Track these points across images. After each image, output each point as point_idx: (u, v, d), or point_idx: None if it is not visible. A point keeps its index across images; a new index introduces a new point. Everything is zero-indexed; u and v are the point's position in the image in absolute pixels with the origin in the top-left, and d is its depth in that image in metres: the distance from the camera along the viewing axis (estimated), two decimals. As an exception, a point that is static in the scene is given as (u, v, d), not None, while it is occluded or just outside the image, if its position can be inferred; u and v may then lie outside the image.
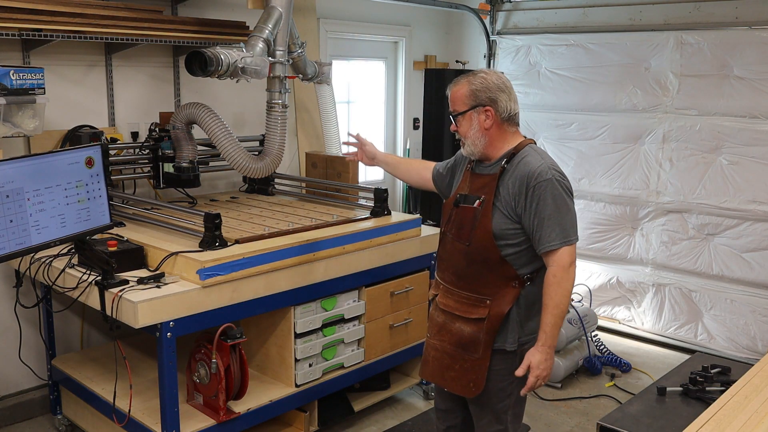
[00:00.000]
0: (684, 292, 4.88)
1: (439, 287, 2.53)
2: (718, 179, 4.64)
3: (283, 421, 3.45)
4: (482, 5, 5.60)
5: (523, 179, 2.29)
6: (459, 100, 2.40)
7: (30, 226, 2.44)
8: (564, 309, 2.30)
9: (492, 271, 2.35)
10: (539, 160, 2.32)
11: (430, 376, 2.56)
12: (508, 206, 2.31)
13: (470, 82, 2.38)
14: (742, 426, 2.28)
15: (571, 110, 5.30)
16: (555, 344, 2.31)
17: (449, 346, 2.46)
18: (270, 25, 3.47)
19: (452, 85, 2.44)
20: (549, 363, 2.30)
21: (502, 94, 2.36)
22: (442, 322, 2.49)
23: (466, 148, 2.43)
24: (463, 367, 2.42)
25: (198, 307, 2.81)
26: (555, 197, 2.26)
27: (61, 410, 3.61)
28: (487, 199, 2.34)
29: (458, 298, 2.43)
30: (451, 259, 2.46)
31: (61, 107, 3.61)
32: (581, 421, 3.87)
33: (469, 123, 2.38)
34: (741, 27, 4.49)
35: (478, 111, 2.36)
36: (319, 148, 4.85)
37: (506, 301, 2.35)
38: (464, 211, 2.41)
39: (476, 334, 2.38)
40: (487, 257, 2.34)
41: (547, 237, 2.26)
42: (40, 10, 3.21)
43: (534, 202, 2.27)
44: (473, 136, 2.38)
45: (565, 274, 2.27)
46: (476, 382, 2.40)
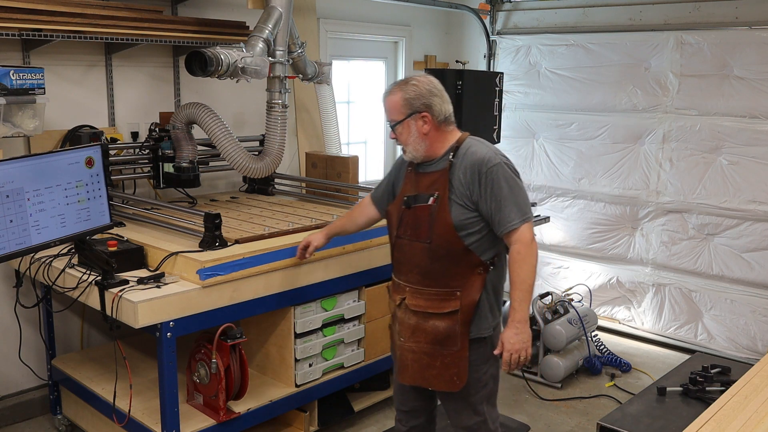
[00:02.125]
0: (684, 292, 4.88)
1: (404, 290, 2.53)
2: (718, 179, 4.64)
3: (283, 421, 3.45)
4: (482, 5, 5.60)
5: (474, 167, 2.37)
6: (395, 110, 2.46)
7: (30, 226, 2.44)
8: (531, 284, 2.37)
9: (457, 263, 2.41)
10: (484, 148, 2.43)
11: (411, 380, 2.55)
12: (464, 196, 2.39)
13: (403, 90, 2.43)
14: (742, 426, 2.28)
15: (571, 110, 5.29)
16: (526, 319, 2.37)
17: (426, 345, 2.48)
18: (270, 25, 3.48)
19: (385, 95, 2.49)
20: (522, 337, 2.36)
21: (435, 99, 2.43)
22: (414, 324, 2.50)
23: (408, 154, 2.50)
24: (444, 363, 2.46)
25: (198, 307, 2.81)
26: (507, 179, 2.36)
27: (61, 410, 3.61)
28: (441, 194, 2.41)
29: (428, 296, 2.46)
30: (412, 260, 2.48)
31: (61, 107, 3.61)
32: (581, 421, 3.87)
33: (408, 130, 2.45)
34: (741, 27, 4.49)
35: (415, 118, 2.43)
36: (319, 148, 4.85)
37: (475, 289, 2.42)
38: (418, 211, 2.45)
39: (452, 327, 2.43)
40: (451, 250, 2.40)
41: (507, 217, 2.35)
42: (40, 10, 3.21)
43: (488, 186, 2.35)
44: (413, 142, 2.45)
45: (529, 249, 2.35)
46: (459, 375, 2.46)
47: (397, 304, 2.57)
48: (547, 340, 4.24)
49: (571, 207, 5.35)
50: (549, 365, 4.25)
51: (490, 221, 2.39)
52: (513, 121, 5.57)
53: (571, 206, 5.35)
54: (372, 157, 5.79)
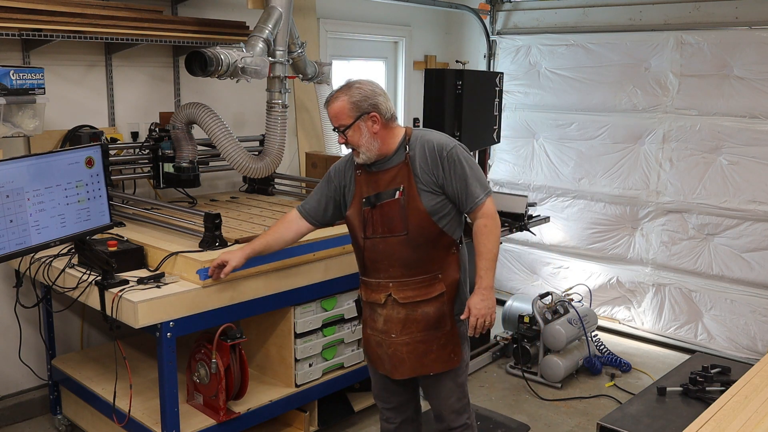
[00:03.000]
0: (684, 292, 4.88)
1: (387, 287, 2.57)
2: (718, 179, 4.64)
3: (283, 421, 3.45)
4: (482, 5, 5.60)
5: (434, 154, 2.48)
6: (343, 114, 2.50)
7: (30, 226, 2.44)
8: (496, 254, 2.51)
9: (435, 247, 2.53)
10: (437, 135, 2.56)
11: (410, 371, 2.60)
12: (430, 183, 2.49)
13: (348, 95, 2.49)
14: (742, 426, 2.28)
15: (571, 110, 5.29)
16: (491, 286, 2.49)
17: (420, 334, 2.56)
18: (270, 25, 3.48)
19: (330, 102, 2.52)
20: (487, 303, 2.47)
21: (380, 98, 2.51)
22: (404, 317, 2.56)
23: (362, 156, 2.53)
24: (440, 344, 2.57)
25: (198, 307, 2.81)
26: (466, 159, 2.49)
27: (61, 410, 3.61)
28: (406, 186, 2.49)
29: (414, 285, 2.54)
30: (390, 256, 2.54)
31: (61, 107, 3.61)
32: (581, 421, 3.87)
33: (359, 132, 2.50)
34: (741, 27, 4.49)
35: (364, 119, 2.49)
36: (319, 148, 4.85)
37: (453, 268, 2.57)
38: (386, 207, 2.52)
39: (441, 309, 2.55)
40: (428, 236, 2.50)
41: (474, 193, 2.48)
42: (40, 10, 3.21)
43: (451, 168, 2.47)
44: (366, 143, 2.50)
45: (494, 221, 2.50)
46: (455, 351, 2.59)
47: (380, 303, 2.59)
48: (547, 340, 4.24)
49: (571, 207, 5.35)
50: (549, 365, 4.25)
51: (457, 200, 2.51)
52: (513, 121, 5.57)
53: (571, 206, 5.35)
54: (372, 157, 5.79)
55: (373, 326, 2.66)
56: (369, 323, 2.68)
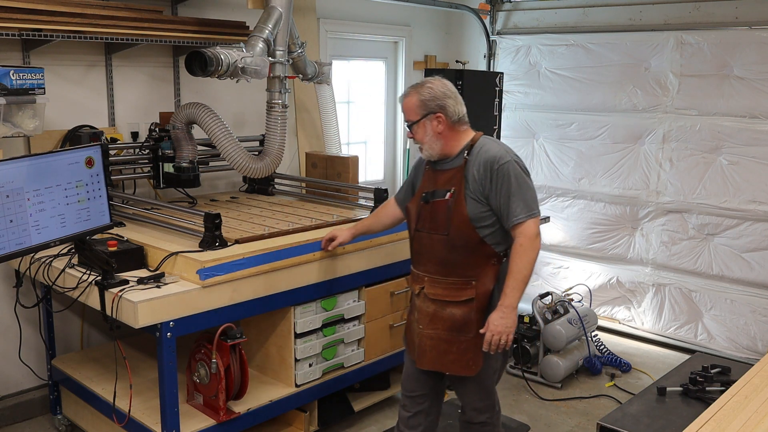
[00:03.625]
0: (684, 292, 4.88)
1: (423, 279, 2.68)
2: (718, 179, 4.64)
3: (283, 421, 3.45)
4: (482, 5, 5.60)
5: (487, 164, 2.53)
6: (411, 111, 2.61)
7: (30, 226, 2.44)
8: (526, 275, 2.53)
9: (473, 253, 2.57)
10: (497, 147, 2.59)
11: (430, 365, 2.69)
12: (477, 191, 2.55)
13: (419, 93, 2.59)
14: (742, 426, 2.28)
15: (571, 110, 5.30)
16: (514, 306, 2.52)
17: (444, 332, 2.63)
18: (270, 25, 3.48)
19: (403, 97, 2.65)
20: (506, 321, 2.50)
21: (449, 100, 2.59)
22: (433, 312, 2.65)
23: (425, 152, 2.65)
24: (460, 349, 2.62)
25: (198, 307, 2.81)
26: (516, 176, 2.52)
27: (61, 410, 3.61)
28: (457, 189, 2.57)
29: (445, 285, 2.61)
30: (431, 251, 2.63)
31: (61, 107, 3.61)
32: (581, 421, 3.87)
33: (424, 130, 2.60)
34: (741, 27, 4.49)
35: (430, 118, 2.58)
36: (319, 148, 4.85)
37: (489, 279, 2.59)
38: (436, 205, 2.61)
39: (468, 315, 2.59)
40: (467, 241, 2.55)
41: (514, 212, 2.51)
42: (40, 10, 3.21)
43: (498, 182, 2.51)
44: (429, 140, 2.61)
45: (531, 243, 2.51)
46: (474, 360, 2.61)
47: (416, 293, 2.72)
48: (547, 340, 4.24)
49: (571, 207, 5.35)
50: (549, 365, 4.25)
51: (499, 215, 2.55)
52: (513, 121, 5.57)
53: (571, 206, 5.35)
54: (372, 157, 5.79)
55: (412, 313, 2.79)
56: (411, 309, 2.81)
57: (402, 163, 5.85)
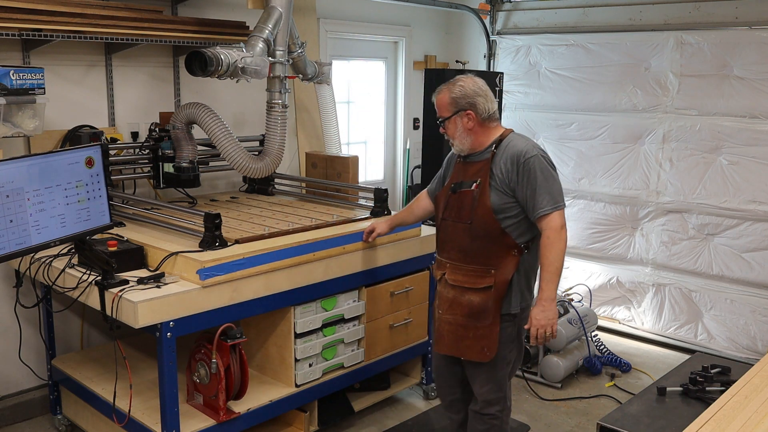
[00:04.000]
0: (684, 292, 4.88)
1: (445, 266, 2.82)
2: (718, 179, 4.64)
3: (283, 421, 3.45)
4: (482, 5, 5.60)
5: (514, 158, 2.64)
6: (443, 107, 2.75)
7: (30, 226, 2.44)
8: (558, 267, 2.64)
9: (494, 243, 2.67)
10: (524, 142, 2.71)
11: (447, 349, 2.83)
12: (503, 183, 2.66)
13: (450, 90, 2.73)
14: (742, 426, 2.28)
15: (571, 110, 5.30)
16: (552, 298, 2.62)
17: (461, 318, 2.74)
18: (270, 25, 3.48)
19: (436, 94, 2.78)
20: (547, 314, 2.61)
21: (479, 98, 2.71)
22: (452, 297, 2.77)
23: (456, 147, 2.79)
24: (476, 335, 2.72)
25: (198, 307, 2.81)
26: (542, 170, 2.63)
27: (61, 410, 3.61)
28: (482, 181, 2.69)
29: (466, 272, 2.73)
30: (454, 239, 2.76)
31: (61, 107, 3.61)
32: (581, 421, 3.87)
33: (455, 126, 2.73)
34: (741, 27, 4.49)
35: (461, 115, 2.71)
36: (319, 148, 4.85)
37: (509, 268, 2.68)
38: (462, 195, 2.74)
39: (485, 302, 2.69)
40: (489, 231, 2.66)
41: (540, 204, 2.62)
42: (40, 10, 3.21)
43: (525, 176, 2.62)
44: (460, 136, 2.74)
45: (558, 235, 2.63)
46: (489, 347, 2.71)
47: (438, 279, 2.86)
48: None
49: (571, 207, 5.35)
50: (549, 365, 4.25)
51: (525, 207, 2.66)
52: (513, 121, 5.57)
53: (571, 206, 5.35)
54: (372, 157, 5.79)
55: (435, 298, 2.93)
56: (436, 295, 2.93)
57: (402, 163, 5.85)
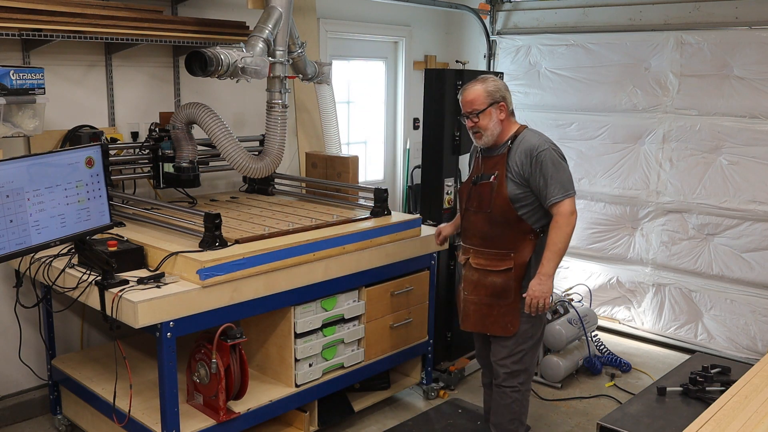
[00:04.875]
0: (684, 292, 4.88)
1: (469, 251, 3.12)
2: (718, 179, 4.64)
3: (283, 421, 3.45)
4: (482, 5, 5.60)
5: (527, 152, 2.92)
6: (478, 100, 2.97)
7: (30, 226, 2.44)
8: (561, 248, 2.89)
9: (512, 229, 2.97)
10: (536, 137, 2.99)
11: (473, 326, 3.13)
12: (518, 175, 2.94)
13: (485, 84, 2.98)
14: (742, 426, 2.28)
15: (571, 110, 5.29)
16: (550, 274, 2.89)
17: (485, 298, 3.05)
18: (270, 25, 3.48)
19: (468, 89, 3.01)
20: (543, 287, 2.89)
21: (507, 93, 3.04)
22: (476, 279, 3.08)
23: (484, 139, 3.00)
24: (500, 312, 3.03)
25: (198, 307, 2.81)
26: (553, 162, 2.90)
27: (61, 410, 3.61)
28: (500, 173, 2.97)
29: (487, 256, 3.04)
30: (476, 227, 3.07)
31: (61, 107, 3.61)
32: (581, 421, 3.87)
33: (489, 117, 2.98)
34: (741, 27, 4.49)
35: (495, 107, 2.98)
36: (319, 148, 4.85)
37: (526, 251, 2.98)
38: (482, 187, 3.03)
39: (507, 282, 3.00)
40: (507, 218, 2.96)
41: (552, 192, 2.88)
42: (40, 10, 3.21)
43: (538, 167, 2.90)
44: (492, 127, 2.98)
45: (566, 220, 2.88)
46: (512, 322, 3.02)
47: (462, 264, 3.16)
48: (547, 340, 4.23)
49: (571, 207, 5.34)
50: (549, 365, 4.25)
51: (539, 196, 2.93)
52: (513, 121, 5.56)
53: (571, 206, 5.34)
54: (372, 157, 5.79)
55: (460, 282, 3.21)
56: (459, 279, 3.23)
57: (402, 163, 5.85)
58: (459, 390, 4.20)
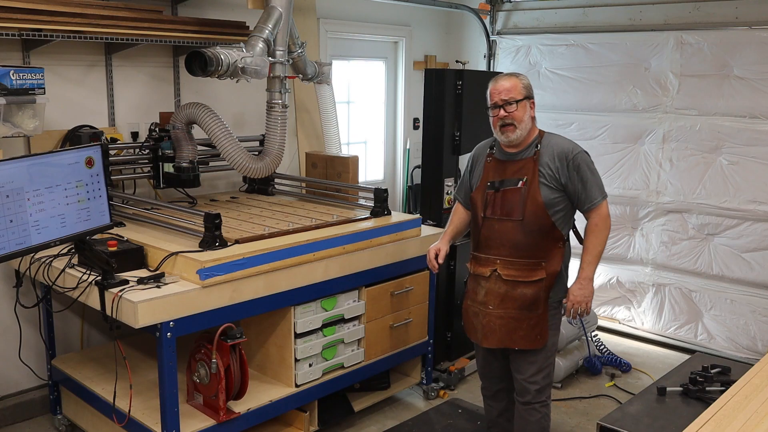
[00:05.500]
0: (684, 292, 4.87)
1: (495, 263, 2.91)
2: (718, 179, 4.64)
3: (283, 421, 3.45)
4: (482, 5, 5.60)
5: (562, 156, 2.83)
6: (515, 90, 2.84)
7: (30, 226, 2.44)
8: (601, 251, 2.86)
9: (545, 237, 2.85)
10: (566, 140, 2.91)
11: (498, 342, 2.93)
12: (553, 179, 2.83)
13: (519, 78, 2.88)
14: (742, 426, 2.28)
15: (571, 110, 5.29)
16: (590, 277, 2.85)
17: (514, 311, 2.88)
18: (270, 25, 3.48)
19: (502, 79, 2.87)
20: (584, 292, 2.85)
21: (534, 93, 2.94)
22: (504, 292, 2.89)
23: (516, 133, 2.84)
24: (530, 324, 2.88)
25: (198, 307, 2.81)
26: (588, 165, 2.85)
27: (61, 410, 3.61)
28: (530, 178, 2.83)
29: (519, 266, 2.87)
30: (504, 236, 2.88)
31: (61, 107, 3.61)
32: (581, 421, 3.87)
33: (524, 110, 2.85)
34: (741, 27, 4.49)
35: (529, 102, 2.88)
36: (319, 148, 4.85)
37: (556, 260, 2.87)
38: (509, 193, 2.87)
39: (537, 293, 2.86)
40: (541, 225, 2.83)
41: (591, 195, 2.84)
42: (40, 10, 3.21)
43: (575, 171, 2.82)
44: (526, 120, 2.85)
45: (605, 223, 2.86)
46: (542, 334, 2.89)
47: (485, 276, 2.93)
48: (547, 340, 4.23)
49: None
50: (549, 365, 4.25)
51: (575, 199, 2.86)
52: (513, 121, 5.56)
53: (571, 206, 5.35)
54: (372, 157, 5.79)
55: (474, 298, 3.00)
56: (470, 295, 3.03)
57: (402, 163, 5.85)
58: (459, 390, 4.20)
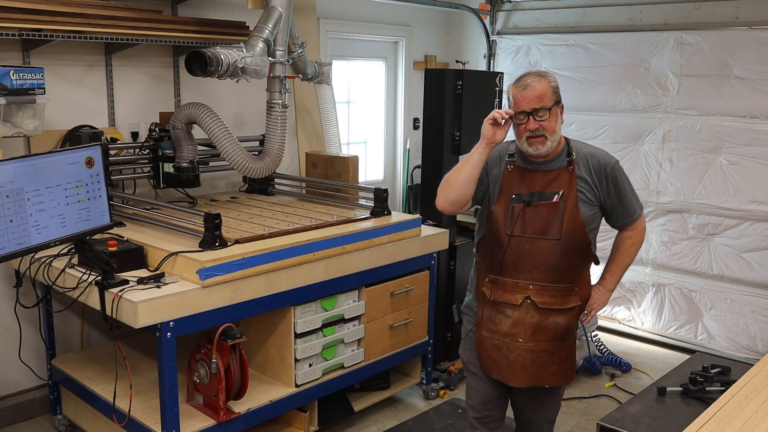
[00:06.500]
0: (684, 292, 4.87)
1: (527, 289, 2.46)
2: (718, 179, 4.64)
3: (283, 421, 3.45)
4: (482, 5, 5.60)
5: (598, 168, 2.46)
6: (546, 95, 2.37)
7: (30, 226, 2.44)
8: (628, 265, 2.68)
9: (582, 258, 2.51)
10: (597, 150, 2.54)
11: (528, 381, 2.49)
12: (590, 194, 2.46)
13: (548, 80, 2.40)
14: (742, 426, 2.28)
15: (571, 110, 5.25)
16: (612, 290, 2.66)
17: (546, 344, 2.46)
18: (270, 25, 3.48)
19: (531, 82, 2.37)
20: (604, 299, 2.65)
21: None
22: (536, 323, 2.45)
23: (547, 145, 2.40)
24: (561, 357, 2.50)
25: (198, 307, 2.81)
26: (625, 176, 2.53)
27: (61, 410, 3.61)
28: (566, 192, 2.42)
29: (554, 292, 2.46)
30: (537, 258, 2.43)
31: (61, 107, 3.61)
32: (581, 421, 3.87)
33: (556, 118, 2.41)
34: (741, 27, 4.49)
35: (559, 107, 2.44)
36: (319, 148, 4.85)
37: (587, 283, 2.57)
38: (544, 208, 2.42)
39: (570, 322, 2.49)
40: (580, 245, 2.46)
41: (631, 209, 2.55)
42: (40, 10, 3.21)
43: (612, 184, 2.48)
44: (558, 130, 2.43)
45: (640, 237, 2.63)
46: (571, 368, 2.55)
47: (517, 304, 2.46)
48: (547, 340, 4.23)
49: (571, 207, 5.35)
50: (549, 365, 4.24)
51: (611, 214, 2.55)
52: (513, 121, 5.56)
53: (571, 206, 5.35)
54: (372, 157, 5.79)
55: (493, 329, 2.51)
56: (488, 325, 2.53)
57: (402, 163, 5.85)
58: (459, 390, 4.20)
